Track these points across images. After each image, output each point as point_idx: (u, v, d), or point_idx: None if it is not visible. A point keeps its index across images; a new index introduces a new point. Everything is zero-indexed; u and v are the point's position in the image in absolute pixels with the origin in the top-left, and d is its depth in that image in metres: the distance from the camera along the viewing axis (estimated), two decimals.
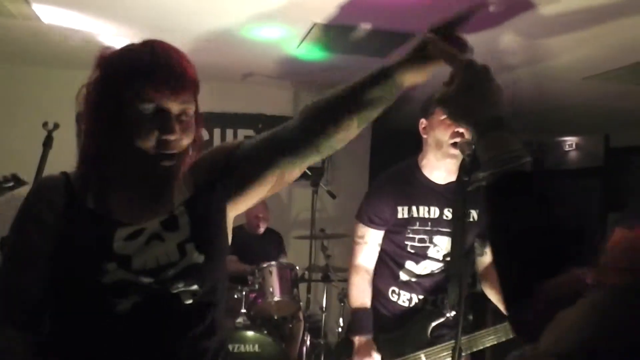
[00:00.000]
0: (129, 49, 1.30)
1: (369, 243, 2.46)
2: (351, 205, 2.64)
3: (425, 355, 2.33)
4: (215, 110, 5.34)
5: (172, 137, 1.25)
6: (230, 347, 3.90)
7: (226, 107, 5.50)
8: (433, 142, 2.31)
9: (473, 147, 1.97)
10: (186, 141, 1.30)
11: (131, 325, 1.25)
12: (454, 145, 2.22)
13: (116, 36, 4.01)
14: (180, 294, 1.28)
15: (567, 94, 5.01)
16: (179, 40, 1.34)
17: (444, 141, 2.26)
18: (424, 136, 2.38)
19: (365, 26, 3.51)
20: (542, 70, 4.28)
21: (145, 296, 1.25)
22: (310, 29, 3.62)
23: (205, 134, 4.31)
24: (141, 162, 1.26)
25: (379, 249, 2.47)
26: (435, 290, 2.44)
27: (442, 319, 2.37)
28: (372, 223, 2.44)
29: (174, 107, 1.26)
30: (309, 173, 4.74)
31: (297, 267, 4.47)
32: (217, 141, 5.53)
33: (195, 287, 1.29)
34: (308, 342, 4.40)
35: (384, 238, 2.46)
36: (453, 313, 2.36)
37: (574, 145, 7.90)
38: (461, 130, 2.17)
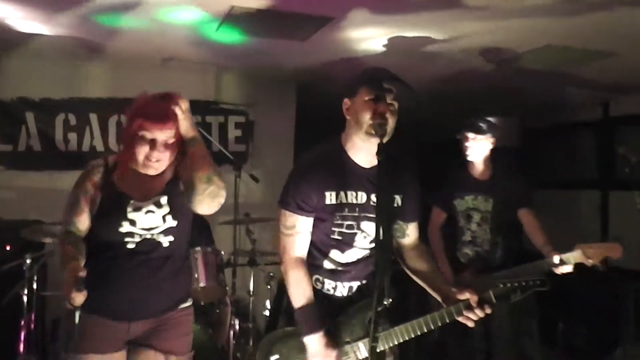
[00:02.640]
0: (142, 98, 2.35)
1: (302, 232, 2.30)
2: (276, 188, 2.49)
3: (364, 345, 2.28)
4: (135, 96, 5.22)
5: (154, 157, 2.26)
6: None
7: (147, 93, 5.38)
8: (355, 122, 2.22)
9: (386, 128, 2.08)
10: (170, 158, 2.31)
11: (135, 256, 2.29)
12: (371, 126, 2.16)
13: (24, 20, 3.90)
14: (162, 241, 2.33)
15: (484, 77, 5.18)
16: (94, 25, 1.30)
17: (364, 122, 2.17)
18: (347, 117, 2.29)
19: (284, 9, 3.51)
20: (460, 53, 4.41)
21: (143, 241, 2.30)
22: (229, 12, 3.59)
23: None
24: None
25: (310, 237, 2.32)
26: (361, 277, 2.39)
27: (379, 308, 2.15)
28: (301, 210, 2.27)
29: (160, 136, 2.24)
30: (231, 157, 4.72)
31: (223, 252, 4.45)
32: None
33: (171, 238, 2.34)
34: (237, 327, 4.40)
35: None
36: (390, 300, 2.23)
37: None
38: (382, 112, 2.14)
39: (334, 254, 2.34)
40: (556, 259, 3.22)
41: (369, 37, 4.03)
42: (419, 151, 8.72)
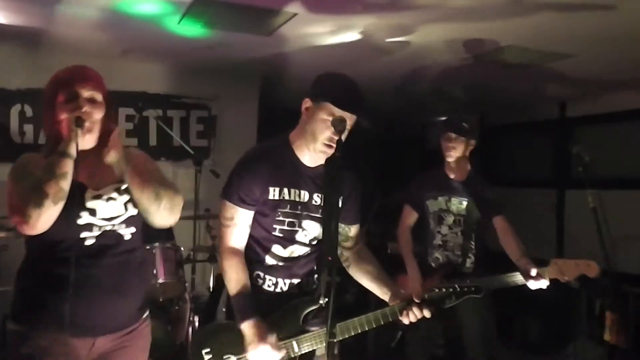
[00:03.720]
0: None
1: (239, 225, 2.31)
2: None
3: (297, 343, 2.30)
4: None
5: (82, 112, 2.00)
6: None
7: (106, 85, 5.28)
8: (311, 133, 2.25)
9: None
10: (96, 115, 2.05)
11: (95, 253, 2.02)
12: (326, 145, 2.21)
13: None
14: (124, 233, 2.09)
15: (445, 75, 5.25)
16: (53, 14, 1.27)
17: (319, 139, 2.22)
18: (304, 117, 2.30)
19: (247, 3, 3.49)
20: (422, 53, 4.45)
21: (103, 234, 2.04)
22: (190, 5, 3.55)
23: None
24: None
25: (248, 230, 2.34)
26: (301, 274, 2.40)
27: (315, 307, 2.30)
28: (242, 202, 2.29)
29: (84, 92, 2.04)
30: (192, 152, 4.69)
31: (182, 248, 4.42)
32: None
33: (132, 229, 2.11)
34: (196, 323, 4.37)
35: (252, 220, 2.34)
36: (326, 300, 2.27)
37: None
38: (337, 138, 2.13)
39: (276, 248, 2.35)
40: (533, 272, 3.07)
41: (332, 31, 4.04)
42: (378, 148, 8.79)
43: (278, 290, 2.38)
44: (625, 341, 3.25)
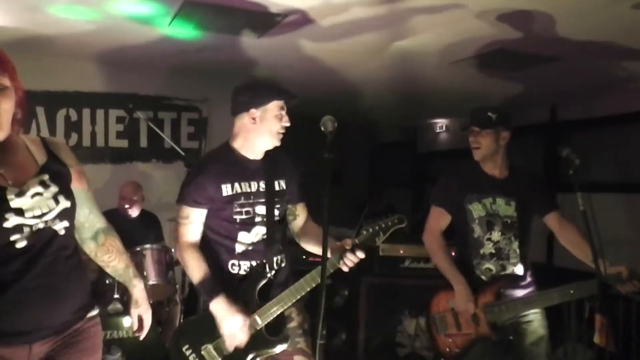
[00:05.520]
0: None
1: (194, 222, 2.60)
2: None
3: (258, 316, 2.53)
4: (84, 89, 5.11)
5: None
6: (104, 333, 3.79)
7: (96, 87, 5.27)
8: (267, 129, 2.59)
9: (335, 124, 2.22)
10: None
11: (27, 256, 1.82)
12: (280, 133, 2.61)
13: None
14: (57, 229, 1.89)
15: (436, 78, 5.25)
16: (42, 15, 1.26)
17: (275, 130, 2.59)
18: (252, 124, 2.60)
19: (238, 5, 3.49)
20: (412, 56, 4.46)
21: (36, 233, 1.83)
22: (181, 7, 3.55)
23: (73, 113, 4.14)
24: None
25: (202, 227, 2.62)
26: (271, 255, 2.67)
27: (264, 280, 2.58)
28: (196, 203, 2.58)
29: None
30: (183, 154, 4.68)
31: (173, 250, 4.40)
32: (85, 122, 5.29)
33: (65, 223, 1.92)
34: None
35: (212, 216, 2.61)
36: (273, 272, 2.63)
37: (444, 127, 8.30)
38: (288, 120, 2.61)
39: (242, 236, 2.61)
40: (624, 272, 2.71)
41: (324, 34, 4.04)
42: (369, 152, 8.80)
43: (251, 273, 2.63)
44: (615, 344, 3.20)
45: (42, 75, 5.12)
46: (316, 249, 2.69)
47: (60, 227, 1.90)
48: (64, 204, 1.91)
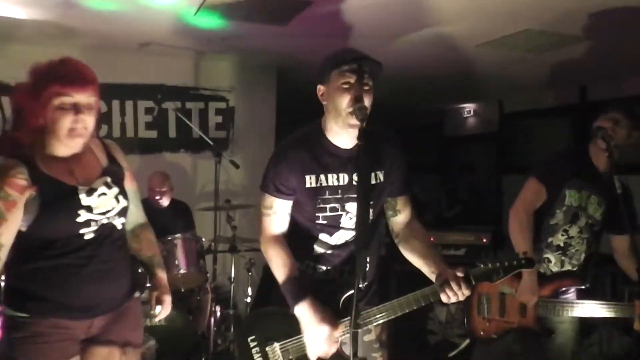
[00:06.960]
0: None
1: (278, 213, 2.28)
2: (257, 174, 2.46)
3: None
4: (113, 81, 5.14)
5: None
6: None
7: (124, 78, 5.31)
8: (333, 109, 2.16)
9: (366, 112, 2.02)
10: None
11: (92, 245, 2.12)
12: (351, 113, 2.08)
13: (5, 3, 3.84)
14: (117, 224, 2.20)
15: (462, 61, 5.19)
16: (74, 7, 1.27)
17: (342, 108, 2.11)
18: (324, 102, 2.23)
19: None
20: (438, 39, 4.41)
21: (100, 227, 2.13)
22: None
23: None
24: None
25: (289, 217, 2.30)
26: (350, 260, 2.30)
27: (352, 291, 2.04)
28: (279, 192, 2.25)
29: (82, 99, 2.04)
30: (211, 143, 4.69)
31: (203, 239, 4.44)
32: (115, 113, 5.34)
33: (123, 219, 2.24)
34: (218, 314, 4.40)
35: (294, 210, 2.30)
36: (365, 283, 2.27)
37: (472, 112, 8.23)
38: (358, 95, 2.08)
39: (323, 237, 2.29)
40: None
41: (349, 21, 4.01)
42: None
43: (330, 278, 2.32)
44: None
45: None
46: (420, 264, 2.29)
47: (119, 222, 2.21)
48: (123, 203, 2.23)
